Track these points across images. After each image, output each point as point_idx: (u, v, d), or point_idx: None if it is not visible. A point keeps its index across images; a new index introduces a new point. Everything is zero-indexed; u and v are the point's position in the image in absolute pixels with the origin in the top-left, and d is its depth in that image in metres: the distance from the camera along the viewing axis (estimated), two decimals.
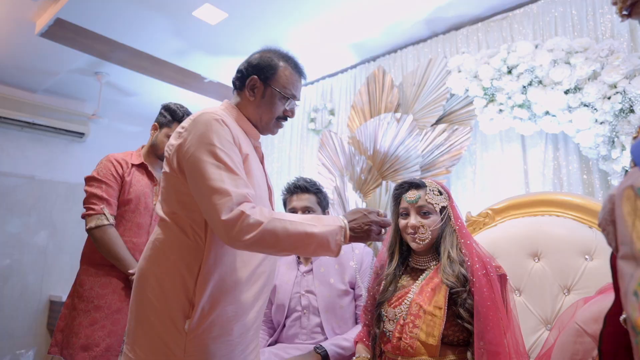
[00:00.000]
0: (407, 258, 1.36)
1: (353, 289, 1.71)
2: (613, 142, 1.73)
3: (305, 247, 0.98)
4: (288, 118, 1.22)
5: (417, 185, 1.32)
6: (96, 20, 2.45)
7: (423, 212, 1.29)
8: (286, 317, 1.73)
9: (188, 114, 1.90)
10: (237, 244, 0.94)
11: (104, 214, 1.69)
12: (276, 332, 1.75)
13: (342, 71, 3.07)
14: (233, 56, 2.86)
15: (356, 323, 1.68)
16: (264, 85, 1.15)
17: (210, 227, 1.00)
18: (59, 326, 1.71)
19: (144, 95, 3.69)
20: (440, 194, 1.31)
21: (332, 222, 1.02)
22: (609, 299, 0.87)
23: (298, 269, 1.77)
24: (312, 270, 1.73)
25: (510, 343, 1.08)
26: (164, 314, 0.99)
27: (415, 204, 1.30)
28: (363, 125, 2.64)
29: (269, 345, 1.72)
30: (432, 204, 1.28)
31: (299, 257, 1.81)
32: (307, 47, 2.75)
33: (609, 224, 0.62)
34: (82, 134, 3.84)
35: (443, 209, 1.30)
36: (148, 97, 3.70)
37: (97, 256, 1.72)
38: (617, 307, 0.68)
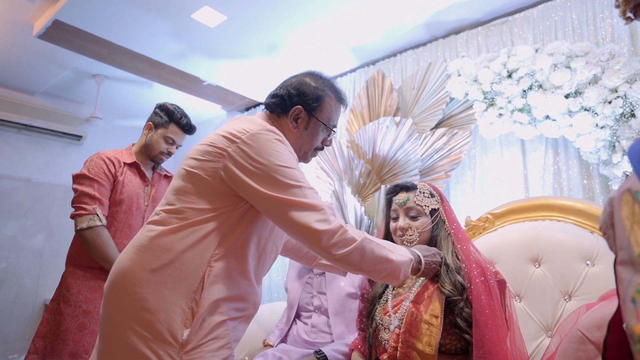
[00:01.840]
0: None
1: None
2: (614, 146, 1.72)
3: (379, 272, 1.00)
4: (324, 148, 1.21)
5: (407, 187, 1.31)
6: (94, 22, 2.44)
7: (412, 215, 1.27)
8: (297, 316, 1.79)
9: (185, 115, 1.85)
10: (327, 255, 0.95)
11: (97, 215, 1.60)
12: (285, 330, 1.79)
13: (341, 75, 3.06)
14: (232, 59, 2.85)
15: None
16: (309, 117, 1.13)
17: (294, 240, 0.99)
18: (40, 332, 1.60)
19: (143, 98, 3.68)
20: (432, 196, 1.30)
21: (404, 252, 1.06)
22: (612, 305, 0.86)
23: (312, 271, 1.81)
24: (324, 273, 1.77)
25: (513, 352, 1.05)
26: (156, 322, 0.89)
27: (403, 206, 1.29)
28: (362, 129, 2.63)
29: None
30: (422, 206, 1.27)
31: None
32: (306, 51, 2.74)
33: (609, 227, 0.60)
34: (80, 136, 3.83)
35: (434, 211, 1.28)
36: (146, 99, 3.69)
37: (86, 258, 1.64)
38: (621, 314, 0.66)
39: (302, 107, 1.11)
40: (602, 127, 1.74)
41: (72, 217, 1.63)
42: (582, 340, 0.88)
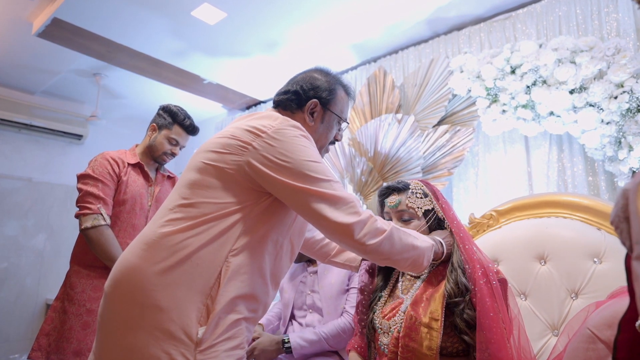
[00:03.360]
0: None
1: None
2: (620, 142, 1.69)
3: (405, 260, 1.01)
4: (336, 142, 1.22)
5: (398, 189, 1.26)
6: (94, 20, 2.42)
7: (404, 219, 1.23)
8: (292, 315, 1.79)
9: (189, 116, 1.88)
10: (360, 247, 0.94)
11: (101, 214, 1.63)
12: (281, 328, 1.81)
13: (342, 72, 3.04)
14: (232, 57, 2.83)
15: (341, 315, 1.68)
16: (324, 110, 1.14)
17: (323, 234, 0.98)
18: (43, 330, 1.63)
19: (143, 97, 3.66)
20: (425, 196, 1.24)
21: (426, 239, 1.09)
22: (622, 303, 0.83)
23: (306, 269, 1.81)
24: (317, 271, 1.77)
25: (518, 353, 1.03)
26: (168, 321, 0.85)
27: (395, 209, 1.24)
28: (364, 127, 2.61)
29: None
30: (414, 209, 1.22)
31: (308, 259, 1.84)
32: (307, 48, 2.72)
33: (623, 221, 0.57)
34: (80, 136, 3.82)
35: (428, 212, 1.23)
36: (147, 98, 3.68)
37: (90, 257, 1.66)
38: (632, 312, 0.63)
39: (317, 100, 1.12)
40: (607, 123, 1.71)
41: (77, 216, 1.65)
42: (592, 339, 0.86)
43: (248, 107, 3.74)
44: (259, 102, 3.65)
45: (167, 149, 1.83)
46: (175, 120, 1.83)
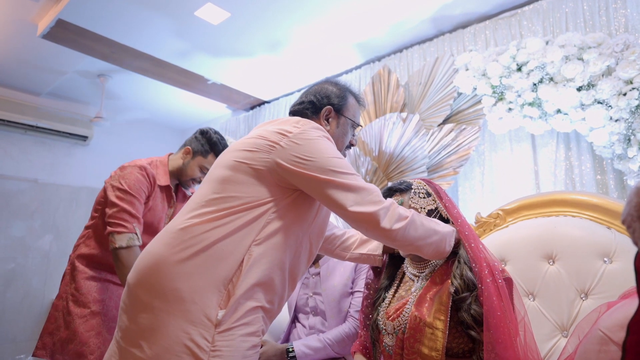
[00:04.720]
0: (400, 264, 1.29)
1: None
2: (629, 140, 1.67)
3: (429, 245, 1.07)
4: (352, 147, 1.29)
5: (400, 189, 1.26)
6: (98, 21, 2.43)
7: None
8: (295, 318, 1.78)
9: (226, 146, 1.80)
10: (388, 233, 1.00)
11: (136, 234, 1.56)
12: (285, 332, 1.79)
13: (346, 71, 3.03)
14: (236, 57, 2.83)
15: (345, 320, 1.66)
16: (338, 116, 1.23)
17: (345, 220, 1.03)
18: (47, 328, 1.62)
19: (147, 98, 3.67)
20: (428, 195, 1.24)
21: (445, 225, 1.14)
22: (635, 304, 0.81)
23: (308, 271, 1.79)
24: (319, 273, 1.74)
25: (526, 353, 1.01)
26: (190, 303, 0.90)
27: None
28: (368, 126, 2.59)
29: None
30: (417, 209, 1.21)
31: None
32: (311, 48, 2.71)
33: (635, 220, 0.56)
34: (86, 137, 3.83)
35: (431, 212, 1.22)
36: (151, 99, 3.68)
37: (97, 259, 1.65)
38: None
39: (331, 107, 1.21)
40: (616, 120, 1.69)
41: (110, 233, 1.56)
42: (604, 341, 0.84)
43: (252, 108, 3.74)
44: (263, 102, 3.64)
45: (197, 177, 1.78)
46: (213, 149, 1.78)
